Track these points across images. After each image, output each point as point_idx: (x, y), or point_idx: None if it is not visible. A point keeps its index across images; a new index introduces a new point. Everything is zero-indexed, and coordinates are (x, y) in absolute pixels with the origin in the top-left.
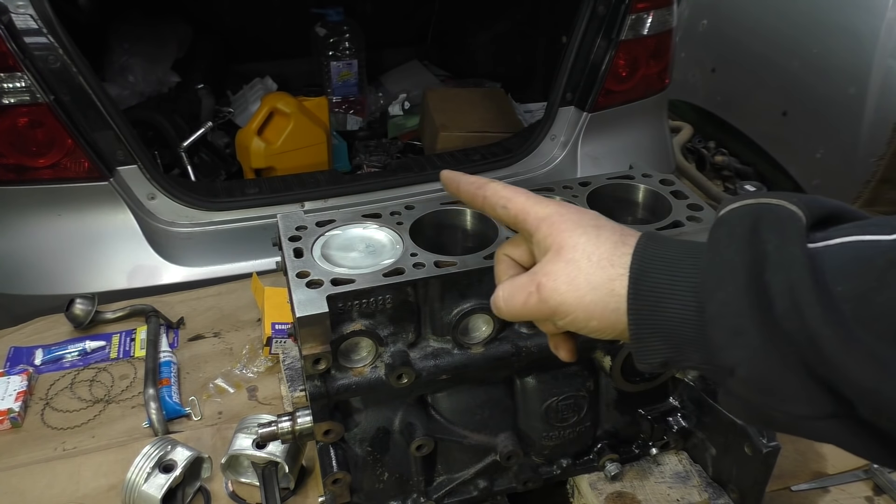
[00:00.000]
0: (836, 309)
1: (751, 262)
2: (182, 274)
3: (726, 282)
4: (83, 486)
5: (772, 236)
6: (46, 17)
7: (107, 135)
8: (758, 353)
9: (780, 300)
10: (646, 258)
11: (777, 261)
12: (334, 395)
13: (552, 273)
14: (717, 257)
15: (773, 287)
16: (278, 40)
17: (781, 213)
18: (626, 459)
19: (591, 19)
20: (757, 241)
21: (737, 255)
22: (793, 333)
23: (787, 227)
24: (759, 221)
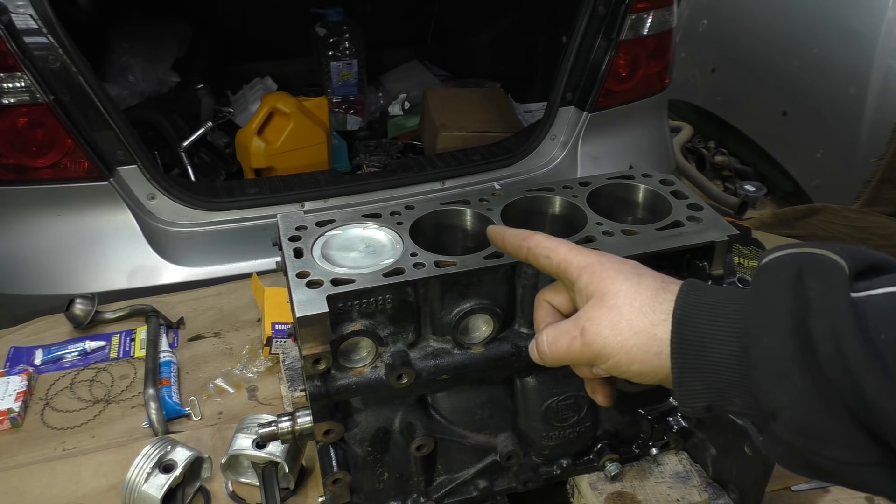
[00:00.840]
0: (879, 356)
1: (795, 308)
2: (182, 274)
3: (771, 327)
4: (83, 486)
5: (816, 284)
6: (46, 17)
7: (107, 135)
8: (801, 397)
9: (824, 346)
10: (689, 304)
11: (821, 308)
12: (334, 395)
13: (596, 318)
14: (762, 303)
15: (817, 333)
16: (278, 40)
17: (825, 263)
18: (626, 459)
19: (591, 19)
20: (801, 288)
21: (782, 302)
22: (836, 379)
23: (830, 276)
24: (803, 269)
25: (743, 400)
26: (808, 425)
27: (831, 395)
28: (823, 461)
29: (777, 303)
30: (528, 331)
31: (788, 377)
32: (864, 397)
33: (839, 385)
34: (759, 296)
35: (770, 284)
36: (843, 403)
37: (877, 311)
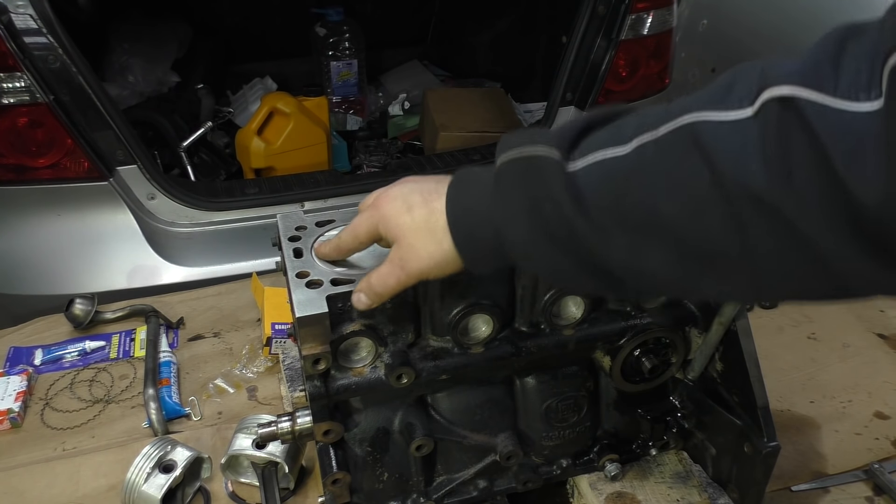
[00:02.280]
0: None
1: (528, 206)
2: (182, 274)
3: (513, 223)
4: (83, 487)
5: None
6: (46, 16)
7: (107, 135)
8: (548, 260)
9: (556, 226)
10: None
11: (547, 198)
12: (334, 395)
13: (404, 258)
14: (503, 206)
15: (549, 217)
16: (278, 40)
17: (543, 163)
18: (626, 459)
19: (591, 19)
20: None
21: (517, 202)
22: (570, 245)
23: (548, 175)
24: (526, 172)
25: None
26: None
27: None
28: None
29: (514, 204)
30: (529, 330)
31: (535, 254)
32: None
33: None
34: (501, 199)
35: (507, 188)
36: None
37: (589, 183)
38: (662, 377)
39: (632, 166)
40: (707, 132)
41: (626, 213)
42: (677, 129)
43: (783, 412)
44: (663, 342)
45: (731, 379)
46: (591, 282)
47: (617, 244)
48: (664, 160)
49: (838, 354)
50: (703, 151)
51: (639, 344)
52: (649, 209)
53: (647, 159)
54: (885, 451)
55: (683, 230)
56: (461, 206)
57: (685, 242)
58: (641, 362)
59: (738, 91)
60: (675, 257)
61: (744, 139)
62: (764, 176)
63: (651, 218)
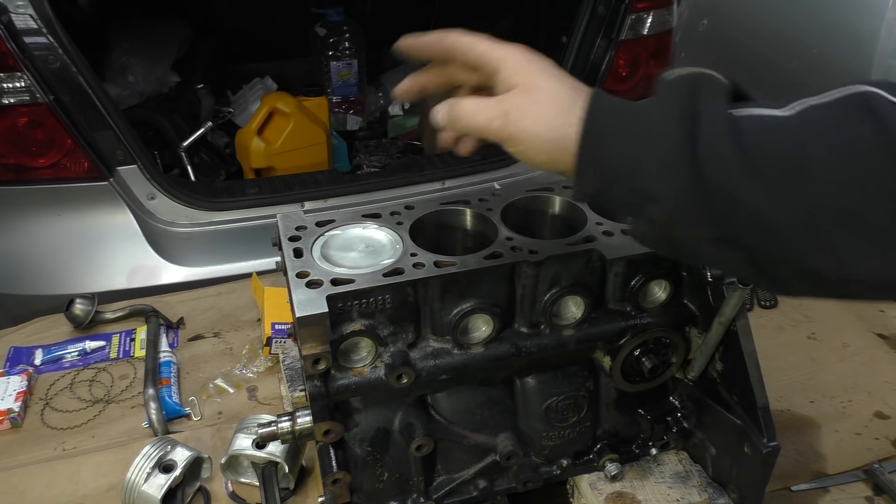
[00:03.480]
0: (745, 155)
1: (689, 115)
2: (182, 274)
3: (667, 127)
4: (83, 487)
5: (707, 96)
6: (46, 17)
7: (107, 135)
8: (682, 184)
9: (706, 147)
10: (596, 107)
11: (709, 116)
12: (334, 395)
13: (521, 106)
14: (661, 108)
15: (703, 136)
16: (278, 40)
17: (715, 83)
18: (626, 459)
19: (591, 19)
20: (695, 100)
21: (677, 109)
22: (710, 172)
23: (718, 92)
24: (697, 84)
25: (626, 187)
26: (682, 207)
27: (704, 187)
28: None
29: (673, 110)
30: (529, 330)
31: (675, 168)
32: (728, 184)
33: (712, 176)
34: (662, 101)
35: (670, 95)
36: (711, 191)
37: (747, 125)
38: (662, 377)
39: (793, 122)
40: (883, 103)
41: (777, 158)
42: (850, 95)
43: (783, 412)
44: (663, 342)
45: (731, 379)
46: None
47: (757, 186)
48: (832, 119)
49: (838, 354)
50: (876, 116)
51: (639, 344)
52: (803, 158)
53: (812, 118)
54: (885, 451)
55: (833, 183)
56: (607, 100)
57: (830, 195)
58: (641, 362)
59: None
60: (812, 209)
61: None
62: None
63: (801, 166)
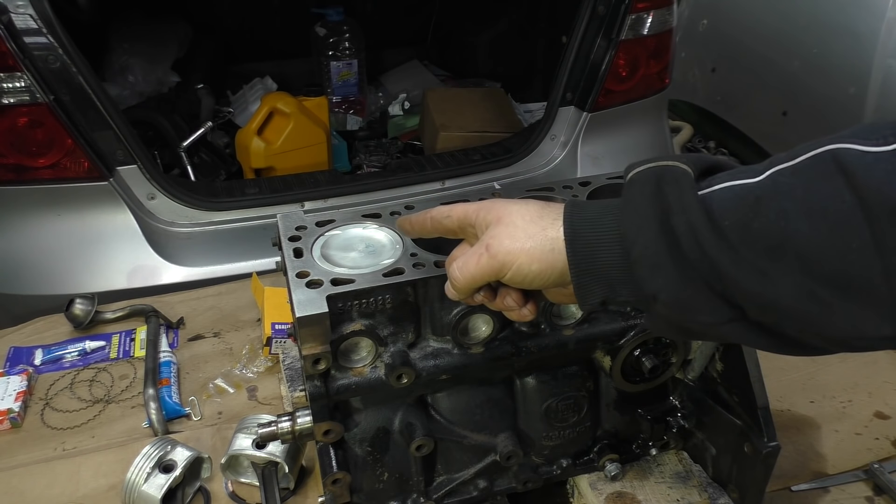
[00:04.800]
0: (725, 238)
1: (659, 211)
2: (182, 274)
3: (643, 230)
4: (83, 486)
5: (672, 190)
6: (46, 17)
7: (107, 135)
8: (673, 281)
9: (685, 238)
10: (574, 221)
11: (678, 208)
12: (334, 395)
13: (496, 235)
14: (632, 211)
15: (678, 229)
16: (278, 40)
17: (677, 172)
18: (626, 459)
19: (591, 19)
20: (661, 194)
21: (648, 208)
22: (696, 261)
23: (681, 181)
24: (661, 179)
25: (629, 290)
26: (680, 301)
27: (695, 275)
28: (694, 325)
29: (645, 209)
30: (529, 330)
31: (662, 267)
32: (719, 270)
33: (699, 266)
34: (630, 205)
35: (637, 195)
36: (704, 280)
37: (718, 203)
38: (662, 377)
39: (765, 190)
40: (851, 158)
41: (757, 234)
42: (818, 154)
43: (783, 412)
44: (663, 342)
45: (731, 379)
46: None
47: (746, 267)
48: (802, 183)
49: (838, 354)
50: (846, 174)
51: (639, 344)
52: (782, 230)
53: (783, 182)
54: (885, 451)
55: (819, 253)
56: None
57: (820, 266)
58: (641, 362)
59: (882, 131)
60: (806, 282)
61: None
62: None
63: (784, 240)
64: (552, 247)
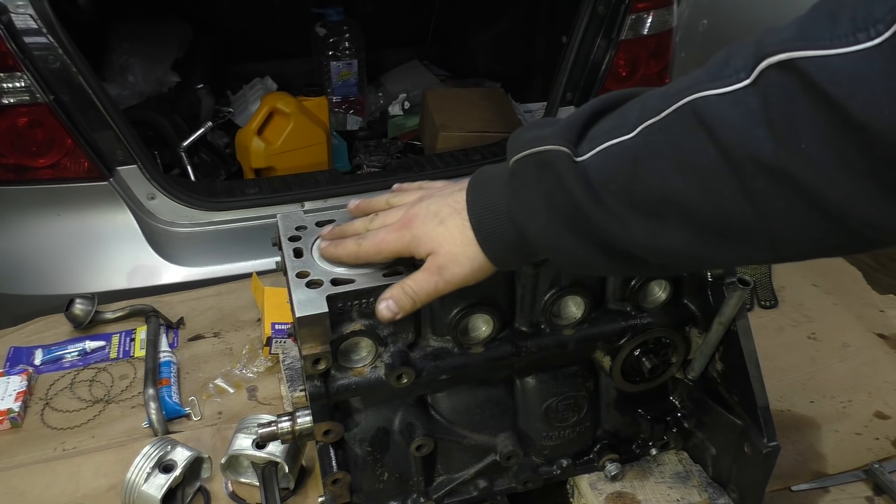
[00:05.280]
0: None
1: (545, 197)
2: (182, 274)
3: (534, 217)
4: (83, 486)
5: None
6: (46, 17)
7: (107, 135)
8: (572, 253)
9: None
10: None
11: (560, 189)
12: (334, 395)
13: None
14: (521, 201)
15: (565, 208)
16: (278, 40)
17: (553, 156)
18: (626, 459)
19: (591, 19)
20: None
21: (534, 195)
22: (590, 234)
23: (558, 165)
24: (540, 168)
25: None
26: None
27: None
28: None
29: (531, 200)
30: (529, 330)
31: (558, 247)
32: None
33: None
34: (517, 195)
35: (521, 186)
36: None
37: (599, 170)
38: (662, 377)
39: (638, 150)
40: (708, 107)
41: (637, 195)
42: (678, 108)
43: (783, 412)
44: (663, 342)
45: (731, 379)
46: (616, 266)
47: (634, 227)
48: (669, 140)
49: (838, 354)
50: (706, 126)
51: (639, 344)
52: (660, 189)
53: (652, 141)
54: (885, 451)
55: (696, 205)
56: (481, 208)
57: (699, 218)
58: (641, 362)
59: (734, 64)
60: (691, 233)
61: (745, 110)
62: (770, 144)
63: (663, 198)
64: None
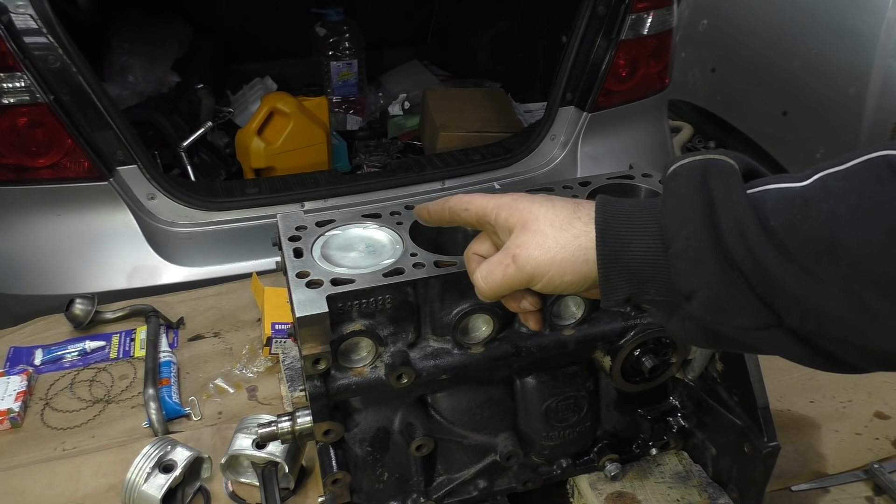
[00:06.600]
0: (773, 236)
1: (705, 204)
2: (182, 274)
3: (687, 222)
4: (83, 486)
5: (718, 184)
6: (46, 17)
7: (107, 135)
8: (714, 279)
9: (730, 234)
10: (607, 213)
11: (725, 202)
12: (334, 395)
13: (523, 244)
14: (676, 203)
15: (724, 224)
16: (278, 40)
17: (724, 166)
18: (626, 459)
19: (591, 19)
20: (706, 188)
21: (693, 200)
22: (741, 260)
23: (729, 176)
24: (706, 172)
25: (658, 289)
26: (719, 301)
27: (737, 274)
28: (727, 329)
29: (690, 201)
30: (529, 330)
31: (704, 262)
32: (764, 270)
33: (743, 264)
34: (673, 197)
35: (682, 186)
36: (746, 280)
37: (766, 203)
38: (662, 377)
39: (815, 193)
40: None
41: (806, 236)
42: (871, 158)
43: (783, 412)
44: (663, 342)
45: (731, 379)
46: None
47: (792, 268)
48: (854, 186)
49: None
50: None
51: (639, 344)
52: (834, 234)
53: (833, 186)
54: (885, 451)
55: (871, 258)
56: (615, 206)
57: (871, 272)
58: (641, 362)
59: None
60: (854, 287)
61: None
62: None
63: (835, 243)
64: (585, 257)
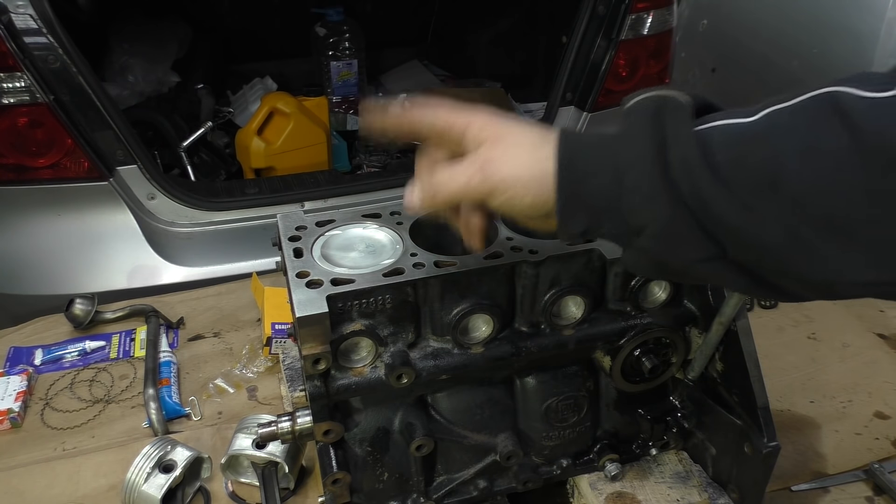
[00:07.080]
0: (717, 172)
1: (656, 142)
2: (182, 274)
3: (639, 160)
4: (83, 486)
5: (669, 121)
6: (46, 17)
7: (107, 135)
8: (663, 212)
9: (677, 171)
10: (569, 146)
11: (675, 140)
12: (334, 395)
13: (494, 157)
14: (629, 141)
15: (672, 160)
16: (278, 40)
17: (676, 102)
18: (626, 459)
19: (591, 19)
20: (659, 125)
21: (646, 138)
22: (688, 195)
23: (679, 113)
24: (659, 109)
25: (612, 223)
26: (667, 234)
27: (684, 208)
28: (674, 261)
29: (642, 139)
30: (529, 330)
31: (654, 199)
32: (707, 204)
33: (690, 199)
34: (626, 134)
35: (635, 123)
36: (692, 214)
37: (714, 139)
38: (662, 377)
39: (760, 129)
40: (850, 101)
41: (749, 170)
42: (816, 95)
43: (783, 412)
44: (663, 342)
45: (731, 379)
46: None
47: (735, 202)
48: (798, 122)
49: (838, 354)
50: (843, 115)
51: (639, 344)
52: (776, 170)
53: (778, 122)
54: (885, 451)
55: (810, 192)
56: (576, 138)
57: (809, 205)
58: (641, 362)
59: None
60: (793, 221)
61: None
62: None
63: (776, 178)
64: (548, 181)
